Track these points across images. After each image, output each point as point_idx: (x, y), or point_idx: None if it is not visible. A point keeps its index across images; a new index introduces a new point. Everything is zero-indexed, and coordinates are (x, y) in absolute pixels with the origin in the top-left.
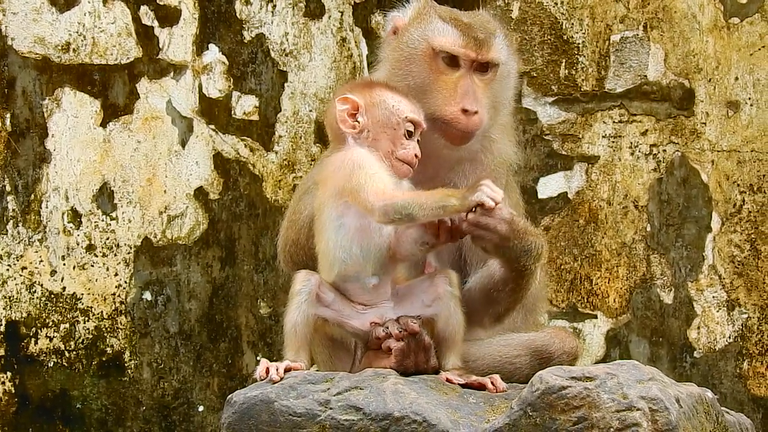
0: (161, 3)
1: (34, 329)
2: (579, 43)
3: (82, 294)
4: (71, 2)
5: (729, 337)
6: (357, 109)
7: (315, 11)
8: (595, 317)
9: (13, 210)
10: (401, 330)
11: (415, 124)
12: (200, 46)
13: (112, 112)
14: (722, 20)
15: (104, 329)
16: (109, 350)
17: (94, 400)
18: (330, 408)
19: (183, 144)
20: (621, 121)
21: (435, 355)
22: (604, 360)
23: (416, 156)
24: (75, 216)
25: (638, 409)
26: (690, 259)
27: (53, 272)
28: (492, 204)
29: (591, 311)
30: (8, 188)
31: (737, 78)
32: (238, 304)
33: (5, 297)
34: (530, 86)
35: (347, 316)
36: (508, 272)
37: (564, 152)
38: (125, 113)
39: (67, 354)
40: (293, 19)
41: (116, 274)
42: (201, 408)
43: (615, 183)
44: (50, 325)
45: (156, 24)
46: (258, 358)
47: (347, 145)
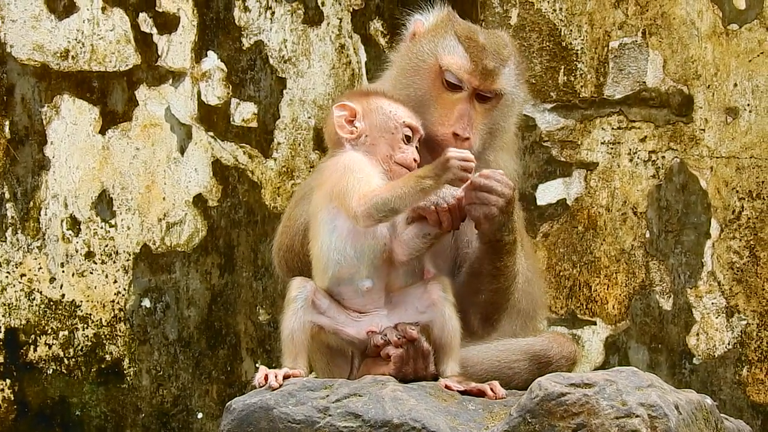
0: (160, 10)
1: (33, 336)
2: (578, 50)
3: (81, 301)
4: (70, 9)
5: (728, 344)
6: (354, 116)
7: (314, 18)
8: (594, 324)
9: (12, 217)
10: (400, 337)
11: (413, 130)
12: (199, 53)
13: (111, 119)
14: (721, 26)
15: (103, 336)
16: (108, 357)
17: (93, 407)
18: (329, 415)
19: (182, 151)
20: (620, 128)
21: (434, 362)
22: (603, 366)
23: (415, 160)
24: (74, 223)
25: (637, 416)
26: (689, 266)
27: (52, 279)
28: (460, 154)
29: (590, 318)
30: (7, 195)
31: (736, 84)
32: (237, 311)
33: (4, 304)
34: (529, 93)
35: (342, 324)
36: (486, 249)
37: (563, 159)
38: (124, 120)
39: (66, 361)
40: (292, 26)
41: (115, 281)
42: (200, 415)
43: (614, 189)
44: (49, 332)
45: (155, 31)
46: (257, 365)
47: (343, 150)
